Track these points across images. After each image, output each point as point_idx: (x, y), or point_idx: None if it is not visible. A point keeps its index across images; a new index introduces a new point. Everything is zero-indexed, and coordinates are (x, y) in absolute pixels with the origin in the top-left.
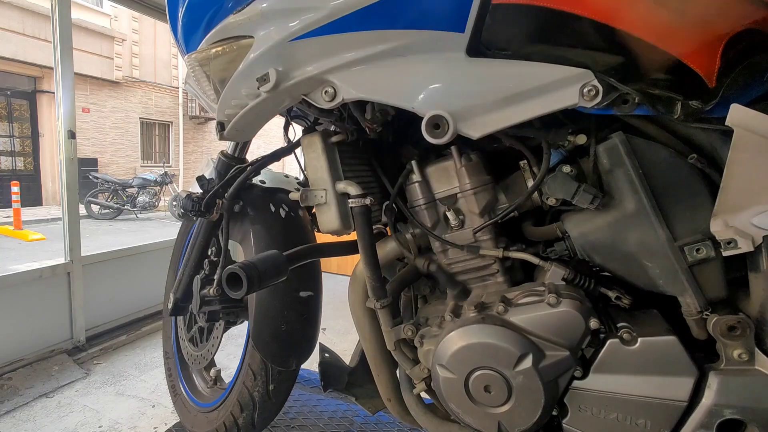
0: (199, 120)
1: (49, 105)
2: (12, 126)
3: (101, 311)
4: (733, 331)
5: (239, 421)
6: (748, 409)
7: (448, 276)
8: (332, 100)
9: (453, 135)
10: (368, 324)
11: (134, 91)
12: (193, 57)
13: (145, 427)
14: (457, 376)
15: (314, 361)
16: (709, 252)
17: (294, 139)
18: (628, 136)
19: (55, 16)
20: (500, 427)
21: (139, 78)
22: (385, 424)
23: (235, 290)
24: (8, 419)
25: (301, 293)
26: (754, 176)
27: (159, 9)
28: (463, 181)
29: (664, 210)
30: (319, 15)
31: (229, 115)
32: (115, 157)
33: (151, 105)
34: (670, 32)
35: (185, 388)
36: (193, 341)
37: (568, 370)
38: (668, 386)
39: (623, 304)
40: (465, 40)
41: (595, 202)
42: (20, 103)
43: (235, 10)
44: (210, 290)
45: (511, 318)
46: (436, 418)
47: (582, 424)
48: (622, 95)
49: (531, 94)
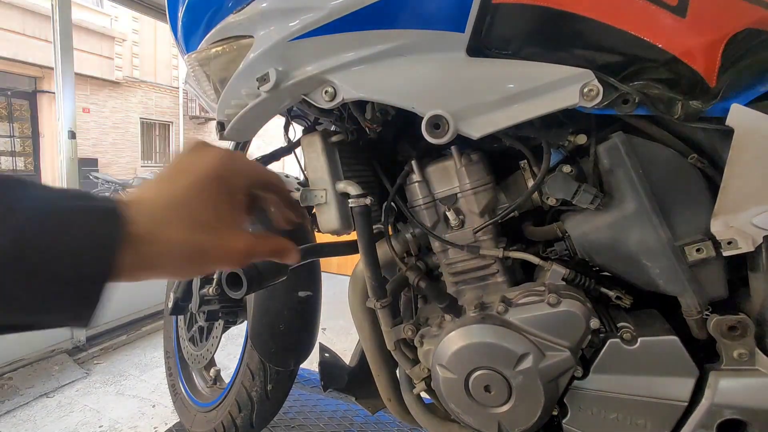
0: (200, 120)
1: (49, 105)
2: (12, 126)
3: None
4: (734, 331)
5: (237, 421)
6: (748, 409)
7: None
8: (332, 100)
9: (453, 135)
10: (368, 324)
11: (134, 91)
12: (193, 57)
13: (145, 426)
14: (457, 376)
15: (314, 360)
16: (709, 252)
17: (294, 139)
18: (628, 136)
19: (55, 16)
20: (500, 427)
21: (139, 78)
22: (385, 424)
23: (235, 290)
24: (8, 419)
25: (300, 293)
26: (754, 176)
27: (159, 9)
28: (463, 181)
29: (664, 210)
30: (319, 15)
31: (229, 115)
32: (116, 158)
33: (152, 105)
34: (670, 32)
35: (185, 387)
36: (192, 341)
37: (568, 370)
38: (668, 386)
39: (623, 304)
40: (465, 40)
41: (595, 202)
42: (21, 103)
43: (235, 10)
44: (209, 290)
45: (511, 318)
46: (436, 418)
47: (582, 424)
48: (622, 95)
49: (531, 94)
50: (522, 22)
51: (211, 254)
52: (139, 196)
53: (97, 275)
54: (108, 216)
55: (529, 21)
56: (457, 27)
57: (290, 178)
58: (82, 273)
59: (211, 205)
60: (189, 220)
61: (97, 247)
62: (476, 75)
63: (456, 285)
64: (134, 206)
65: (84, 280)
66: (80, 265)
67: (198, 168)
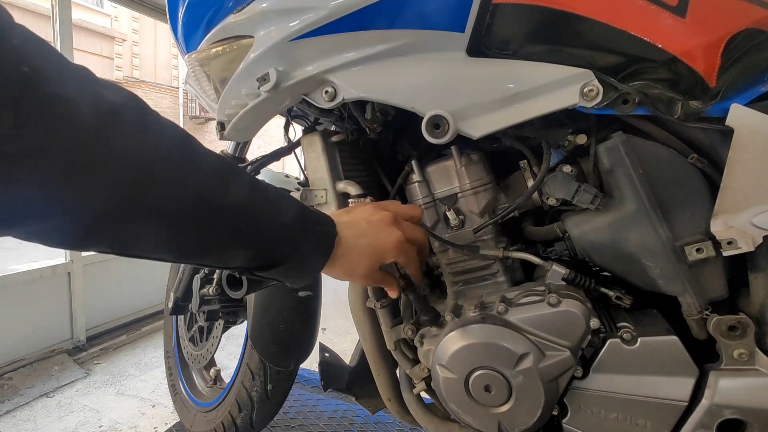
0: (200, 120)
1: None
2: None
3: (101, 311)
4: (734, 331)
5: (237, 421)
6: (748, 409)
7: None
8: (332, 100)
9: (453, 135)
10: (368, 324)
11: (134, 91)
12: (193, 57)
13: (145, 426)
14: (457, 376)
15: (314, 360)
16: (709, 252)
17: (294, 138)
18: (628, 136)
19: (55, 16)
20: (500, 426)
21: (139, 78)
22: (385, 424)
23: (236, 290)
24: (9, 419)
25: (300, 293)
26: (754, 176)
27: (159, 9)
28: (463, 181)
29: (664, 210)
30: (319, 15)
31: (229, 114)
32: None
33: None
34: (670, 32)
35: (185, 387)
36: (192, 341)
37: (568, 369)
38: (668, 386)
39: (623, 304)
40: (465, 40)
41: (595, 202)
42: None
43: (235, 10)
44: (209, 289)
45: (511, 318)
46: (436, 417)
47: (582, 424)
48: (622, 95)
49: (531, 93)
50: (522, 22)
51: (354, 278)
52: (338, 215)
53: (323, 257)
54: (328, 219)
55: (529, 21)
56: (457, 27)
57: (290, 178)
58: (313, 249)
59: (372, 263)
60: (357, 264)
61: (327, 235)
62: (476, 75)
63: (456, 285)
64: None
65: (314, 250)
66: (313, 244)
67: (381, 241)
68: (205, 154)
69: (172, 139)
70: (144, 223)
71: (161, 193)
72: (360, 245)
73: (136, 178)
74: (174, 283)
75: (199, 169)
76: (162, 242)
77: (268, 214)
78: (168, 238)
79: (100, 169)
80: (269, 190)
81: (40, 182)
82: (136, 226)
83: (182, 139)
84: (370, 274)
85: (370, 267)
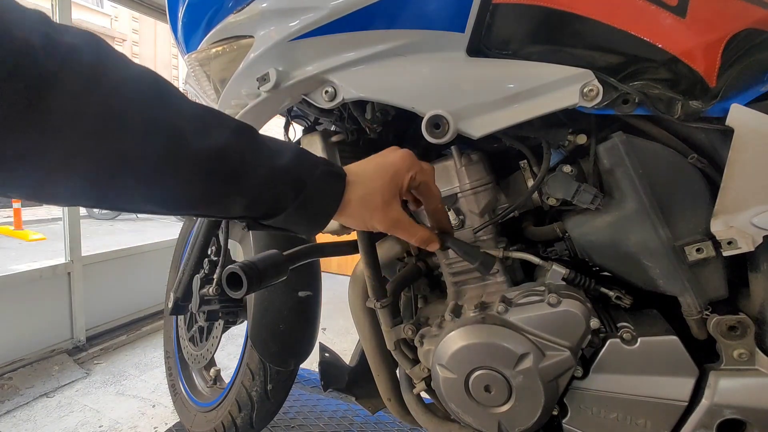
0: None
1: None
2: None
3: (101, 311)
4: (734, 331)
5: (237, 421)
6: (748, 409)
7: (448, 276)
8: (332, 100)
9: (453, 135)
10: (368, 324)
11: None
12: (194, 57)
13: (145, 426)
14: (457, 376)
15: (314, 360)
16: (709, 252)
17: (294, 138)
18: (628, 136)
19: (55, 16)
20: (500, 426)
21: None
22: (385, 424)
23: (235, 290)
24: (8, 419)
25: (300, 293)
26: (754, 176)
27: (159, 9)
28: (463, 181)
29: (664, 210)
30: (319, 15)
31: (230, 114)
32: None
33: None
34: (670, 32)
35: (185, 387)
36: (192, 341)
37: (568, 369)
38: (668, 386)
39: (623, 304)
40: (465, 40)
41: (595, 202)
42: None
43: (235, 10)
44: (209, 289)
45: (511, 318)
46: (436, 417)
47: (582, 424)
48: (622, 95)
49: (531, 93)
50: (522, 22)
51: (375, 215)
52: (348, 167)
53: (333, 198)
54: (332, 162)
55: (529, 21)
56: (457, 27)
57: None
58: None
59: (386, 183)
60: (372, 189)
61: (332, 174)
62: (476, 75)
63: (456, 285)
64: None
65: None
66: (325, 190)
67: (388, 158)
68: (180, 97)
69: (140, 79)
70: (115, 172)
71: (128, 136)
72: (368, 171)
73: (96, 122)
74: (174, 283)
75: (172, 109)
76: (143, 191)
77: (260, 157)
78: (148, 186)
79: (57, 114)
80: (261, 136)
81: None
82: (105, 175)
83: (152, 80)
84: (391, 206)
85: (387, 192)
